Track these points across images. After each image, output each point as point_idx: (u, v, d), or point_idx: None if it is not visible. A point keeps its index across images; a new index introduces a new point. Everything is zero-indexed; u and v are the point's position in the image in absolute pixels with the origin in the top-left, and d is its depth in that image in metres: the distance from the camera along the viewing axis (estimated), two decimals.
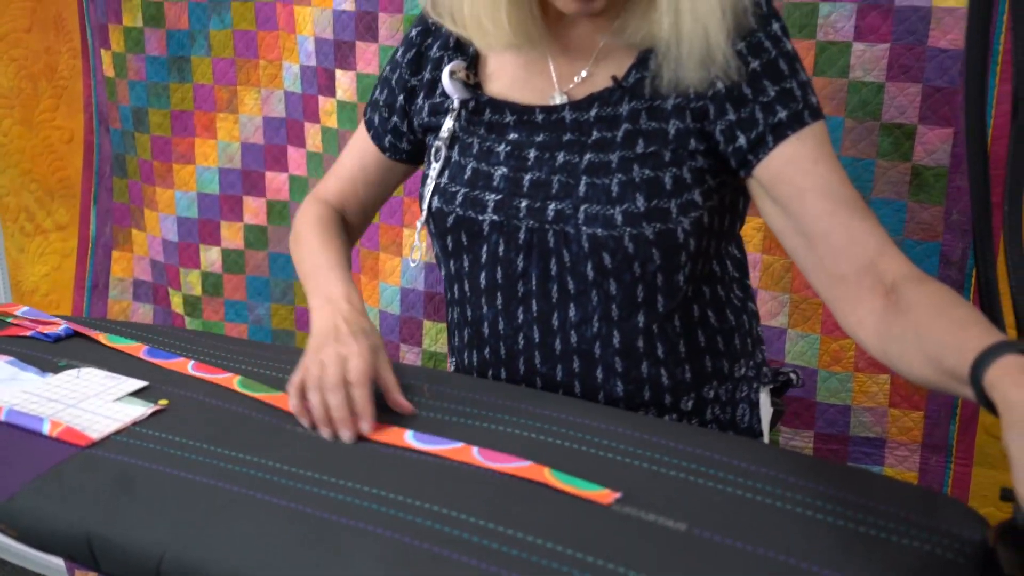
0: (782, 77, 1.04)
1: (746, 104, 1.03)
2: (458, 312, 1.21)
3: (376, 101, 1.27)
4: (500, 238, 1.12)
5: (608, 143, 1.08)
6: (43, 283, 2.44)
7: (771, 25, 1.05)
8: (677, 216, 1.05)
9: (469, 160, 1.14)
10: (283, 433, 1.04)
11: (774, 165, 1.02)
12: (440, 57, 1.19)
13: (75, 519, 0.92)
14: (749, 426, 1.19)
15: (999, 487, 0.89)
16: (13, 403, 1.10)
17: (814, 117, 1.03)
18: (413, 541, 0.84)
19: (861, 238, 0.98)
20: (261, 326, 2.12)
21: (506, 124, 1.14)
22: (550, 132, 1.11)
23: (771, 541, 0.82)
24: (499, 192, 1.11)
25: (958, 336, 0.82)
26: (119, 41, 2.05)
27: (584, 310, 1.10)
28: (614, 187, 1.06)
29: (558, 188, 1.09)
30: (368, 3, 1.76)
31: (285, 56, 1.94)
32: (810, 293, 1.52)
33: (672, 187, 1.05)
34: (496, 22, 1.07)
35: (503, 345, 1.16)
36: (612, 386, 1.12)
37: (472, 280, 1.16)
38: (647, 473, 0.92)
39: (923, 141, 1.41)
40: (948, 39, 1.36)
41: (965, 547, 0.82)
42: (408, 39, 1.23)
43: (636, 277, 1.07)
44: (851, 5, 1.40)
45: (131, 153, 2.15)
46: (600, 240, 1.05)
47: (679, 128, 1.06)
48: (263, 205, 2.06)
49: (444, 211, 1.14)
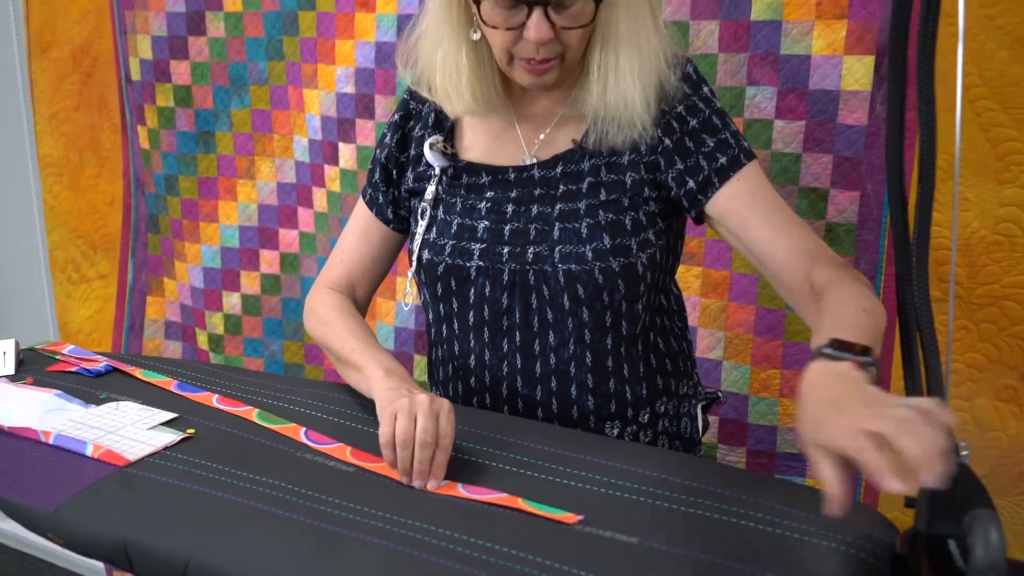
0: (717, 130, 1.07)
1: (691, 155, 1.07)
2: (444, 349, 1.20)
3: (376, 183, 1.24)
4: (486, 281, 1.12)
5: (575, 194, 1.09)
6: (87, 324, 2.42)
7: (702, 89, 1.09)
8: (637, 252, 1.07)
9: (454, 216, 1.14)
10: (292, 459, 1.03)
11: (721, 202, 1.06)
12: (422, 136, 1.20)
13: (113, 529, 0.91)
14: (690, 435, 1.21)
15: (903, 496, 0.90)
16: (60, 429, 1.09)
17: (748, 158, 1.07)
18: (406, 550, 0.83)
19: (795, 257, 1.02)
20: (275, 360, 2.11)
21: (483, 184, 1.14)
22: (523, 188, 1.12)
23: (709, 547, 0.82)
24: (483, 241, 1.12)
25: (817, 336, 0.88)
26: (153, 118, 2.05)
27: (561, 335, 1.11)
28: (583, 229, 1.07)
29: (535, 234, 1.09)
30: (366, 87, 1.77)
31: (296, 131, 1.95)
32: (742, 330, 1.53)
33: (631, 227, 1.07)
34: (460, 93, 1.10)
35: (488, 374, 1.15)
36: (584, 401, 1.12)
37: (461, 319, 1.15)
38: (604, 496, 0.92)
39: (835, 202, 1.42)
40: (854, 117, 1.38)
41: (876, 548, 0.82)
42: (393, 123, 1.23)
43: (605, 305, 1.08)
44: (772, 88, 1.43)
45: (163, 213, 2.14)
46: (574, 274, 1.07)
47: (634, 179, 1.08)
48: (277, 257, 2.05)
49: (434, 261, 1.14)
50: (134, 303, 2.28)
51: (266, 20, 1.90)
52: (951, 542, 0.70)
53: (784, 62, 1.41)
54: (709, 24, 1.44)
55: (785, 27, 1.39)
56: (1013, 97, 1.27)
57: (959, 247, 1.34)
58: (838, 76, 1.38)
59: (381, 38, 1.74)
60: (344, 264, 1.26)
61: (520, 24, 1.01)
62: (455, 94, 1.11)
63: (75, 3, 2.17)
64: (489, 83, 1.11)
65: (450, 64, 1.10)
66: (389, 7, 1.72)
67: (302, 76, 1.88)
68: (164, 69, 2.00)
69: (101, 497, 0.95)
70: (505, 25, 1.01)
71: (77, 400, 1.18)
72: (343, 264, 1.26)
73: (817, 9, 1.37)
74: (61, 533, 0.93)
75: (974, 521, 0.65)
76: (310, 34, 1.84)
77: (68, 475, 1.00)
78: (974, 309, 1.35)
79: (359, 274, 1.26)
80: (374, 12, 1.74)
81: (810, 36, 1.38)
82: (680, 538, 0.84)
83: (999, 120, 1.28)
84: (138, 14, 2.00)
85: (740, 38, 1.43)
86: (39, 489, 0.97)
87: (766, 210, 1.05)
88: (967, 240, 1.33)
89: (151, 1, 1.96)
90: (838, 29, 1.36)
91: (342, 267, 1.26)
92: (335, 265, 1.27)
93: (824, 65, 1.38)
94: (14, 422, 1.11)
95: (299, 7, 1.85)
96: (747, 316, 1.52)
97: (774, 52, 1.41)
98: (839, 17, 1.36)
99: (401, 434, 0.94)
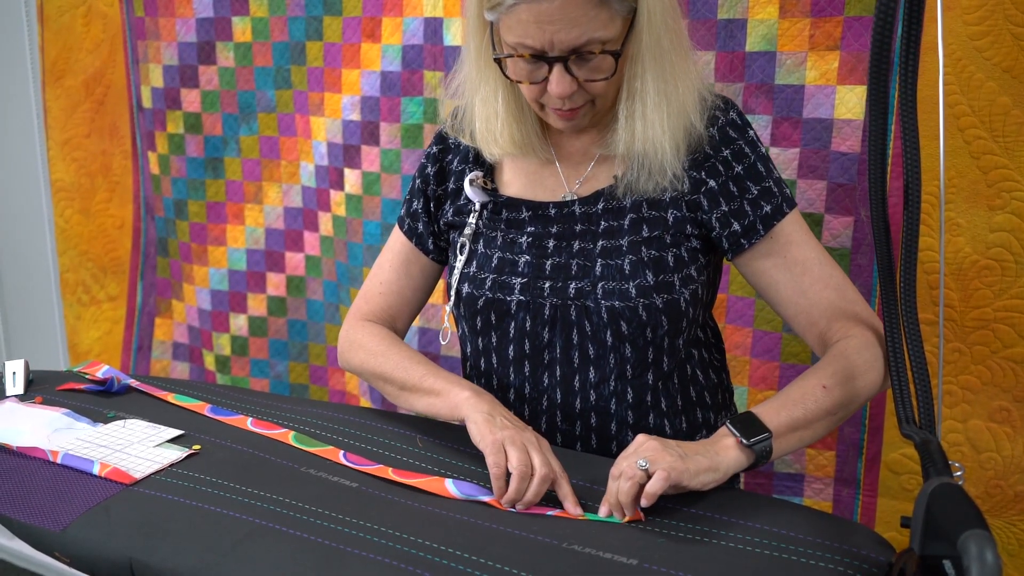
0: (761, 177, 1.07)
1: (735, 200, 1.06)
2: (482, 383, 1.16)
3: (416, 212, 1.21)
4: (527, 315, 1.09)
5: (616, 230, 1.08)
6: (96, 345, 2.42)
7: (747, 134, 1.08)
8: (680, 288, 1.06)
9: (495, 251, 1.12)
10: (297, 475, 1.02)
11: (755, 259, 1.08)
12: (461, 169, 1.18)
13: (119, 547, 0.90)
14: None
15: (900, 515, 0.89)
16: (68, 448, 1.08)
17: (790, 207, 1.08)
18: (408, 567, 0.83)
19: (815, 320, 1.06)
20: (281, 381, 2.10)
21: (523, 219, 1.12)
22: (563, 224, 1.10)
23: (707, 570, 0.82)
24: (524, 276, 1.09)
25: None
26: (164, 145, 2.06)
27: (602, 372, 1.08)
28: (626, 266, 1.06)
29: (577, 270, 1.08)
30: (371, 114, 1.78)
31: (302, 157, 1.95)
32: (739, 352, 1.53)
33: (674, 264, 1.06)
34: (498, 137, 1.10)
35: (528, 408, 1.13)
36: (624, 436, 1.10)
37: (500, 352, 1.13)
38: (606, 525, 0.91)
39: (829, 227, 1.43)
40: (847, 145, 1.39)
41: (872, 568, 0.81)
42: (431, 155, 1.20)
43: (648, 341, 1.07)
44: (767, 117, 1.43)
45: (172, 237, 2.14)
46: (617, 311, 1.05)
47: (676, 216, 1.07)
48: (283, 280, 2.05)
49: (475, 295, 1.11)
50: (143, 325, 2.28)
51: (275, 50, 1.91)
52: (946, 563, 0.69)
53: (779, 92, 1.41)
54: (706, 55, 1.45)
55: (780, 58, 1.40)
56: (1003, 126, 1.27)
57: (951, 272, 1.34)
58: (831, 105, 1.38)
59: (387, 67, 1.75)
60: (384, 296, 1.23)
61: (544, 78, 1.00)
62: (493, 139, 1.11)
63: (89, 33, 2.18)
64: (528, 125, 1.11)
65: (488, 109, 1.10)
66: (395, 38, 1.73)
67: (309, 104, 1.89)
68: (175, 97, 2.01)
69: (108, 516, 0.95)
70: (529, 80, 1.02)
71: (85, 419, 1.17)
72: (383, 296, 1.23)
73: (810, 41, 1.38)
74: (67, 552, 0.93)
75: (969, 542, 0.65)
76: (317, 64, 1.85)
77: (76, 494, 0.99)
78: (967, 332, 1.35)
79: (399, 306, 1.23)
80: (380, 43, 1.75)
81: (804, 67, 1.39)
82: (678, 560, 0.83)
83: (989, 148, 1.28)
84: (150, 44, 2.01)
85: (736, 68, 1.43)
86: (47, 509, 0.97)
87: (794, 273, 1.06)
88: (959, 265, 1.33)
89: (163, 31, 1.98)
90: (831, 60, 1.37)
91: (382, 299, 1.23)
92: (373, 297, 1.23)
93: (818, 95, 1.39)
94: (23, 442, 1.11)
95: (307, 37, 1.86)
96: (744, 338, 1.52)
97: (769, 82, 1.42)
98: (832, 49, 1.37)
99: (521, 466, 0.94)
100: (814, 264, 1.06)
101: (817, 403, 0.98)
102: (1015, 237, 1.29)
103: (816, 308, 1.05)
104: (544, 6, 0.94)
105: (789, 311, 1.07)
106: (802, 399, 0.98)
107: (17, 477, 1.03)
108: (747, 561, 0.83)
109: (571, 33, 0.95)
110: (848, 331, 1.03)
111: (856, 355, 1.00)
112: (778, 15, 1.39)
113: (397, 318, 1.24)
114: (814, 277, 1.06)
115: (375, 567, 0.83)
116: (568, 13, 0.94)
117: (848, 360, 0.99)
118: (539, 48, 0.97)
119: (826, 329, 1.04)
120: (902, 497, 1.43)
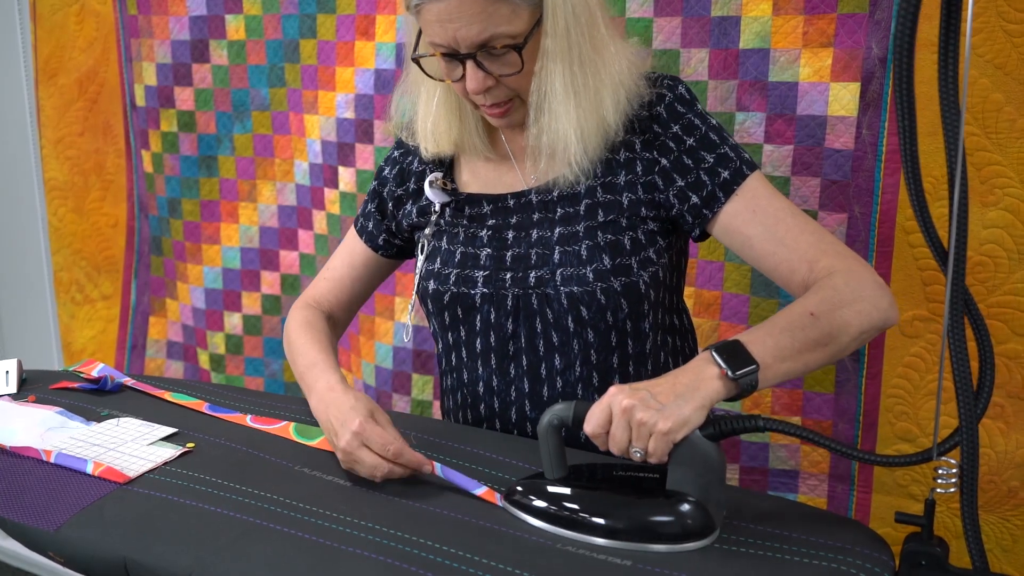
0: (715, 145, 1.06)
1: (691, 172, 1.06)
2: (453, 377, 1.18)
3: (370, 212, 1.26)
4: (491, 307, 1.11)
5: (573, 216, 1.09)
6: (90, 344, 2.41)
7: (696, 107, 1.09)
8: (638, 271, 1.06)
9: (457, 246, 1.14)
10: (291, 473, 1.02)
11: (723, 220, 1.06)
12: (421, 170, 1.20)
13: (114, 546, 0.90)
14: None
15: (894, 511, 0.89)
16: (61, 447, 1.07)
17: (750, 168, 1.06)
18: (403, 564, 0.83)
19: (796, 267, 1.02)
20: (276, 379, 2.10)
21: (484, 214, 1.14)
22: (522, 214, 1.12)
23: (701, 570, 0.81)
24: (486, 269, 1.11)
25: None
26: (157, 143, 2.05)
27: (567, 357, 1.09)
28: (583, 251, 1.06)
29: (536, 259, 1.09)
30: (365, 112, 1.77)
31: (296, 155, 1.94)
32: (709, 315, 1.52)
33: (631, 247, 1.06)
34: (436, 135, 1.13)
35: (497, 400, 1.14)
36: None
37: (468, 347, 1.14)
38: None
39: (823, 224, 1.42)
40: (841, 142, 1.38)
41: (867, 564, 0.81)
42: (391, 158, 1.25)
43: (609, 325, 1.07)
44: (761, 114, 1.43)
45: (166, 235, 2.13)
46: (576, 296, 1.06)
47: (631, 199, 1.07)
48: (277, 278, 2.04)
49: (440, 291, 1.13)
50: (136, 324, 2.27)
51: (268, 48, 1.90)
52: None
53: (772, 89, 1.41)
54: (699, 52, 1.45)
55: (773, 55, 1.40)
56: (995, 123, 1.27)
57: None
58: (825, 102, 1.38)
59: (380, 65, 1.74)
60: (327, 283, 1.29)
61: (462, 76, 1.02)
62: (431, 136, 1.13)
63: (82, 31, 2.17)
64: (468, 124, 1.12)
65: (426, 108, 1.12)
66: (388, 36, 1.73)
67: (303, 102, 1.88)
68: (168, 95, 2.00)
69: (102, 515, 0.94)
70: (450, 77, 1.04)
71: (78, 417, 1.17)
72: (326, 283, 1.29)
73: (804, 38, 1.38)
74: (61, 552, 0.92)
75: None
76: (311, 61, 1.85)
77: (69, 494, 0.98)
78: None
79: (338, 292, 1.28)
80: (374, 40, 1.75)
81: (797, 64, 1.39)
82: (672, 561, 0.83)
83: (982, 144, 1.28)
84: (143, 42, 2.00)
85: (729, 66, 1.43)
86: (41, 509, 0.96)
87: (766, 225, 1.04)
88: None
89: (156, 29, 1.97)
90: (824, 57, 1.37)
91: (325, 285, 1.29)
92: (319, 282, 1.29)
93: (811, 92, 1.39)
94: (16, 441, 1.10)
95: (301, 35, 1.85)
96: (714, 300, 1.52)
97: (763, 79, 1.41)
98: (825, 46, 1.36)
99: (365, 472, 0.99)
100: (786, 214, 1.04)
101: (805, 332, 0.93)
102: (1008, 233, 1.29)
103: (795, 254, 1.02)
104: (443, 5, 0.96)
105: (769, 263, 1.04)
106: (789, 327, 0.93)
107: (10, 477, 1.03)
108: (742, 560, 0.83)
109: (472, 30, 0.97)
110: (833, 267, 0.99)
111: (844, 285, 0.96)
112: (771, 12, 1.39)
113: (336, 305, 1.28)
114: (788, 225, 1.03)
115: (369, 565, 0.83)
116: (466, 10, 0.96)
117: (835, 290, 0.96)
118: (447, 46, 1.00)
119: (808, 273, 1.01)
120: (897, 493, 1.43)
